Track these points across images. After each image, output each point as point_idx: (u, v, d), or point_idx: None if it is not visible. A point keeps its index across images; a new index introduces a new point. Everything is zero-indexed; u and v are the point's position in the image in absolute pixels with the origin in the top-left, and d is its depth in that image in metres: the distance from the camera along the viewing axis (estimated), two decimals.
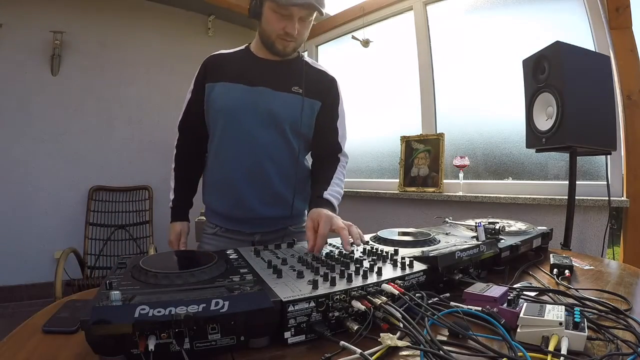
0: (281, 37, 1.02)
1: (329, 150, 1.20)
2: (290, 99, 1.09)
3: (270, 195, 1.11)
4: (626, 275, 0.90)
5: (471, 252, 0.79)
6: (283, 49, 1.05)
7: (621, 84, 1.74)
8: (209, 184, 1.18)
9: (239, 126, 1.07)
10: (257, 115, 1.07)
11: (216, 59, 1.14)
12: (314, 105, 1.13)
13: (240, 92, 1.07)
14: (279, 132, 1.09)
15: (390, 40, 2.77)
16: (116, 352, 0.45)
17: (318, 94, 1.14)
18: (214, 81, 1.09)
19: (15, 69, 2.80)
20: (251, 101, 1.07)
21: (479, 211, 2.02)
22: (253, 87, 1.07)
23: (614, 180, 1.70)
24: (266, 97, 1.07)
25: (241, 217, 1.13)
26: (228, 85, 1.08)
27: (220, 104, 1.08)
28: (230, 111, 1.07)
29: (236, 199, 1.10)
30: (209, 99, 1.10)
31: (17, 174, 2.83)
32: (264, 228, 1.16)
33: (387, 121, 2.77)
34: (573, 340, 0.49)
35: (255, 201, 1.10)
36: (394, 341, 0.48)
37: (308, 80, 1.11)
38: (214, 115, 1.10)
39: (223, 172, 1.11)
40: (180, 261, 0.73)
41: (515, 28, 2.16)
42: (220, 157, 1.12)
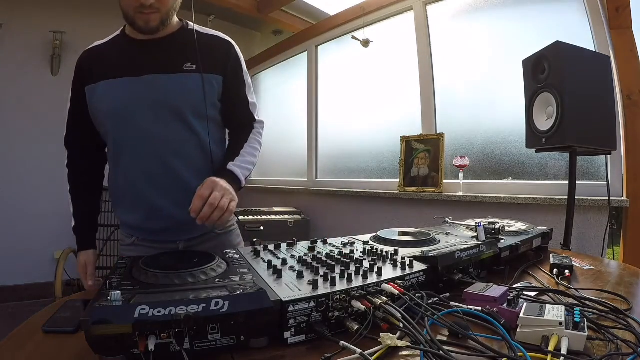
0: (138, 10, 0.87)
1: (242, 121, 1.08)
2: (185, 79, 0.94)
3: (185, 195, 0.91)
4: (626, 275, 0.90)
5: (471, 252, 0.79)
6: (146, 25, 0.89)
7: (621, 84, 1.74)
8: (116, 194, 1.04)
9: (132, 126, 0.93)
10: (150, 108, 0.93)
11: (91, 55, 0.98)
12: (215, 81, 0.98)
13: (125, 87, 0.93)
14: (180, 121, 0.95)
15: (390, 40, 2.77)
16: (116, 352, 0.45)
17: (216, 66, 0.99)
18: (94, 81, 0.94)
19: (15, 69, 2.80)
20: (140, 94, 0.92)
21: (479, 211, 2.02)
22: (139, 77, 0.93)
23: (614, 180, 1.70)
24: (157, 84, 0.93)
25: (159, 228, 1.00)
26: (111, 82, 0.93)
27: (106, 106, 0.93)
28: (119, 111, 0.93)
29: (148, 208, 0.98)
30: (92, 103, 0.95)
31: (17, 174, 2.83)
32: (186, 235, 1.04)
33: (387, 121, 2.77)
34: (573, 340, 0.49)
35: (170, 206, 0.97)
36: (394, 341, 0.48)
37: (202, 53, 0.96)
38: (102, 120, 0.96)
39: (126, 181, 0.98)
40: (180, 261, 0.73)
41: (515, 28, 2.16)
42: (120, 165, 0.98)
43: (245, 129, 1.08)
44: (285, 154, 3.63)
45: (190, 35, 0.98)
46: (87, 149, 1.06)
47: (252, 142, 1.06)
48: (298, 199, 3.27)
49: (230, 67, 1.01)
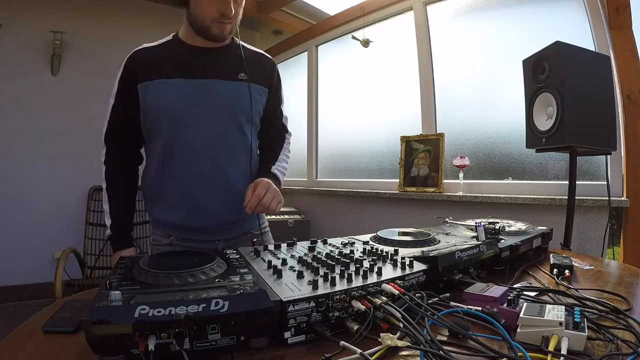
0: (217, 20, 0.93)
1: (276, 133, 1.18)
2: (240, 87, 1.00)
3: (230, 197, 1.00)
4: (626, 275, 0.90)
5: (471, 252, 0.79)
6: (221, 33, 0.95)
7: (621, 84, 1.74)
8: (157, 193, 1.04)
9: (187, 126, 0.96)
10: (207, 111, 0.96)
11: (144, 54, 1.00)
12: (262, 92, 1.06)
13: (182, 87, 0.95)
14: (235, 126, 1.00)
15: (390, 40, 2.77)
16: (116, 352, 0.45)
17: (264, 79, 1.07)
18: (148, 79, 0.95)
19: (15, 69, 2.80)
20: (197, 96, 0.96)
21: (479, 211, 2.02)
22: (197, 79, 0.96)
23: (614, 180, 1.70)
24: (214, 89, 0.97)
25: (200, 227, 1.02)
26: (167, 82, 0.95)
27: (161, 104, 0.95)
28: (175, 110, 0.95)
29: (192, 207, 1.00)
30: (145, 101, 0.96)
31: (17, 174, 2.83)
32: (225, 235, 1.07)
33: (387, 121, 2.77)
34: (573, 340, 0.49)
35: (216, 205, 1.01)
36: (394, 341, 0.48)
37: (252, 66, 1.03)
38: (155, 119, 0.97)
39: (175, 179, 0.99)
40: (180, 261, 0.73)
41: (515, 28, 2.16)
42: (170, 163, 0.99)
43: (279, 139, 1.17)
44: None
45: (240, 49, 1.05)
46: (126, 146, 1.05)
47: (285, 150, 1.17)
48: (298, 199, 3.27)
49: (274, 83, 1.11)
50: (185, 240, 1.06)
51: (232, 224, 1.06)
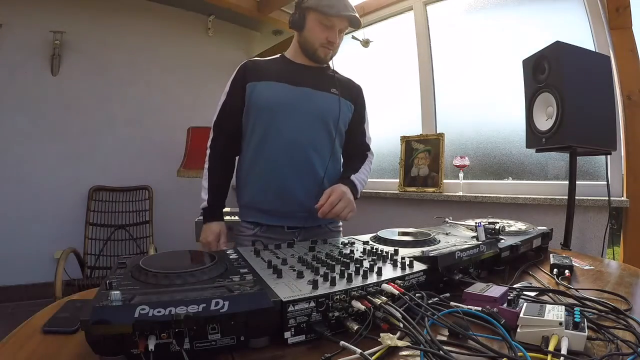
0: (324, 45, 1.15)
1: (358, 149, 1.32)
2: (331, 98, 1.20)
3: (313, 185, 1.16)
4: (626, 275, 0.90)
5: (471, 252, 0.79)
6: (325, 57, 1.18)
7: (621, 84, 1.74)
8: (249, 178, 1.20)
9: (285, 120, 1.13)
10: (302, 110, 1.15)
11: (254, 63, 1.22)
12: (349, 106, 1.25)
13: (285, 90, 1.15)
14: (323, 125, 1.18)
15: (390, 40, 2.77)
16: (116, 352, 0.45)
17: (350, 96, 1.26)
18: (256, 80, 1.16)
19: (15, 69, 2.80)
20: (296, 98, 1.15)
21: (479, 211, 2.02)
22: (296, 86, 1.16)
23: (614, 180, 1.70)
24: (310, 95, 1.17)
25: (284, 210, 1.16)
26: (272, 83, 1.15)
27: (265, 99, 1.14)
28: (276, 106, 1.14)
29: (280, 187, 1.14)
30: (251, 96, 1.15)
31: (17, 174, 2.83)
32: (306, 222, 1.18)
33: (387, 121, 2.77)
34: (573, 340, 0.49)
35: (300, 190, 1.15)
36: (394, 341, 0.48)
37: (341, 85, 1.24)
38: (257, 111, 1.15)
39: (267, 162, 1.15)
40: (180, 261, 0.73)
41: (515, 28, 2.16)
42: (265, 149, 1.15)
43: (361, 156, 1.31)
44: None
45: (333, 72, 1.27)
46: (229, 135, 1.23)
47: (366, 166, 1.29)
48: None
49: (359, 102, 1.30)
50: (269, 230, 1.19)
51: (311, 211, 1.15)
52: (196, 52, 3.50)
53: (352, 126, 1.28)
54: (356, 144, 1.31)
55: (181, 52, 3.39)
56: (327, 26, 1.12)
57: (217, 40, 3.59)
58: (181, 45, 3.41)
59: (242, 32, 3.76)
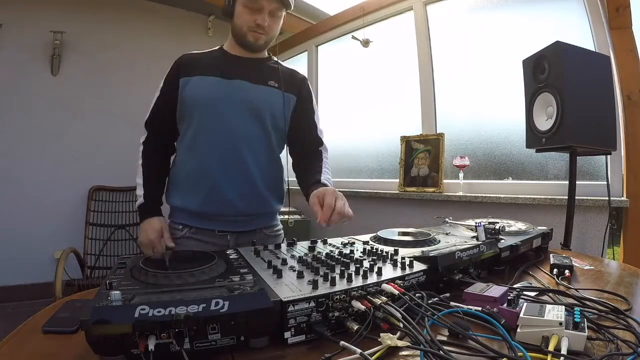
0: (252, 29, 1.06)
1: (311, 144, 1.22)
2: (268, 91, 1.12)
3: (246, 187, 1.09)
4: (626, 275, 0.90)
5: (471, 252, 0.79)
6: (255, 42, 1.09)
7: (621, 84, 1.74)
8: (179, 179, 1.13)
9: (216, 116, 1.07)
10: (235, 105, 1.08)
11: (190, 57, 1.15)
12: (290, 100, 1.17)
13: (217, 84, 1.08)
14: (258, 123, 1.10)
15: (390, 40, 2.77)
16: (116, 352, 0.45)
17: (292, 88, 1.17)
18: (189, 75, 1.09)
19: (15, 69, 2.80)
20: (229, 92, 1.08)
21: (479, 211, 2.02)
22: (230, 79, 1.09)
23: (614, 180, 1.70)
24: (244, 89, 1.09)
25: (214, 213, 1.08)
26: (204, 78, 1.08)
27: (196, 95, 1.08)
28: (208, 102, 1.07)
29: (210, 189, 1.07)
30: (183, 92, 1.09)
31: (17, 174, 2.83)
32: (238, 227, 1.12)
33: (387, 121, 2.77)
34: (573, 340, 0.49)
35: (231, 192, 1.07)
36: (394, 341, 0.48)
37: (282, 76, 1.15)
38: (189, 107, 1.09)
39: (197, 162, 1.08)
40: (180, 261, 0.73)
41: (515, 28, 2.16)
42: (195, 148, 1.09)
43: (316, 154, 1.20)
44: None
45: (275, 63, 1.19)
46: (163, 133, 1.17)
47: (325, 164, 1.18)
48: (298, 199, 3.26)
49: (303, 93, 1.20)
50: (198, 232, 1.11)
51: (245, 216, 1.11)
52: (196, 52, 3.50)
53: (299, 120, 1.19)
54: (307, 139, 1.21)
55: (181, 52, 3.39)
56: (254, 9, 1.04)
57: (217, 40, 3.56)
58: (181, 45, 3.40)
59: None
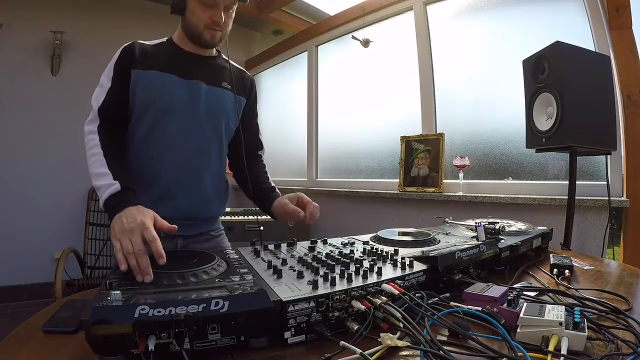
0: (208, 26, 1.01)
1: (253, 147, 1.24)
2: (223, 94, 1.10)
3: (197, 193, 1.07)
4: (626, 275, 0.90)
5: (471, 252, 0.79)
6: (211, 39, 1.03)
7: (621, 84, 1.74)
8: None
9: (173, 118, 1.02)
10: (193, 109, 1.04)
11: (139, 47, 1.05)
12: (241, 102, 1.15)
13: (174, 83, 1.03)
14: (214, 128, 1.08)
15: (390, 40, 2.77)
16: (116, 352, 0.45)
17: (243, 90, 1.16)
18: (143, 68, 1.01)
19: (15, 69, 2.80)
20: (187, 94, 1.04)
21: (479, 211, 2.02)
22: (187, 79, 1.04)
23: (614, 180, 1.69)
24: (202, 91, 1.06)
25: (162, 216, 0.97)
26: (161, 74, 1.02)
27: (152, 92, 1.01)
28: (163, 101, 1.01)
29: (160, 193, 1.02)
30: (136, 86, 1.01)
31: (17, 174, 2.83)
32: (185, 231, 1.08)
33: (387, 121, 2.77)
34: (573, 340, 0.49)
35: (182, 198, 1.04)
36: (394, 341, 0.48)
37: (233, 77, 1.13)
38: (143, 104, 1.02)
39: (149, 164, 1.03)
40: (180, 261, 0.73)
41: (515, 28, 2.16)
42: (148, 150, 1.04)
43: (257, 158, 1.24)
44: (286, 154, 3.63)
45: (225, 61, 1.16)
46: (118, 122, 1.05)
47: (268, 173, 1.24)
48: None
49: (252, 96, 1.21)
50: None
51: (194, 220, 1.09)
52: None
53: (245, 122, 1.17)
54: (249, 141, 1.19)
55: None
56: (208, 5, 0.98)
57: None
58: None
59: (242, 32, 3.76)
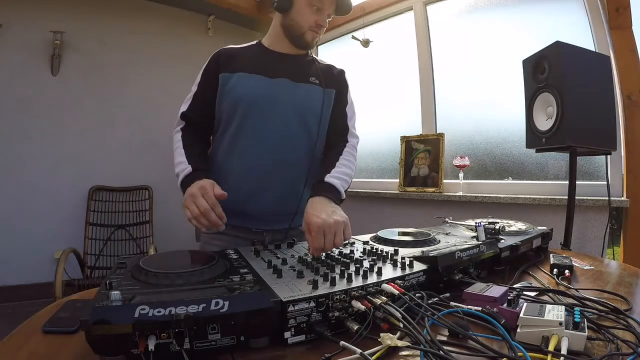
0: (312, 28, 1.06)
1: (337, 134, 1.17)
2: (311, 89, 1.11)
3: (287, 190, 1.08)
4: (626, 275, 0.90)
5: (471, 252, 0.79)
6: (312, 40, 1.09)
7: (621, 84, 1.74)
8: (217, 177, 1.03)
9: (260, 116, 1.05)
10: (279, 106, 1.06)
11: (228, 52, 1.12)
12: (331, 95, 1.15)
13: (260, 83, 1.06)
14: (303, 124, 1.09)
15: (390, 40, 2.77)
16: (116, 352, 0.45)
17: (331, 83, 1.16)
18: (230, 72, 1.07)
19: (15, 69, 2.80)
20: (273, 92, 1.06)
21: (479, 211, 2.02)
22: (273, 78, 1.07)
23: (614, 180, 1.70)
24: (288, 88, 1.08)
25: (253, 212, 1.08)
26: (247, 75, 1.06)
27: (239, 93, 1.05)
28: (252, 100, 1.05)
29: (252, 190, 1.06)
30: (224, 89, 1.07)
31: (17, 174, 2.82)
32: (274, 225, 1.12)
33: (387, 121, 2.77)
34: (573, 340, 0.49)
35: (272, 196, 1.07)
36: (394, 341, 0.48)
37: (322, 72, 1.14)
38: (231, 105, 1.06)
39: (238, 166, 1.07)
40: (180, 261, 0.73)
41: (515, 28, 2.16)
42: (238, 148, 1.07)
43: (340, 142, 1.14)
44: None
45: (313, 59, 1.17)
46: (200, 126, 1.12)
47: (347, 155, 1.10)
48: None
49: (341, 85, 1.19)
50: (235, 229, 1.09)
51: (283, 215, 1.10)
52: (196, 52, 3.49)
53: (334, 112, 1.16)
54: (335, 128, 1.17)
55: (181, 52, 3.39)
56: (317, 8, 1.04)
57: (217, 40, 3.58)
58: (181, 45, 3.41)
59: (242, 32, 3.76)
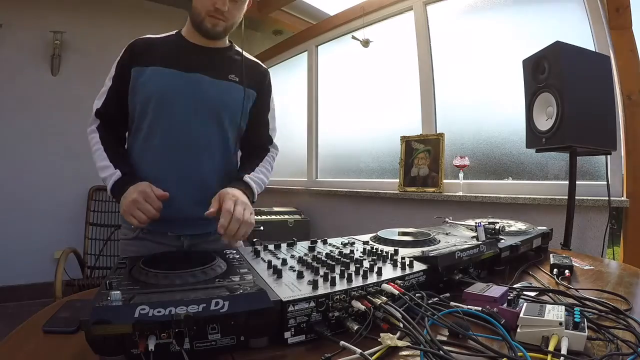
0: (211, 13, 0.97)
1: (259, 142, 1.16)
2: (229, 87, 1.04)
3: (201, 193, 1.00)
4: (626, 275, 0.90)
5: (471, 252, 0.79)
6: (212, 27, 0.99)
7: (621, 84, 1.74)
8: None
9: (172, 115, 0.99)
10: (193, 103, 1.00)
11: (144, 42, 1.03)
12: (251, 95, 1.09)
13: (174, 78, 0.99)
14: (216, 123, 1.03)
15: (390, 40, 2.77)
16: (116, 352, 0.45)
17: (254, 83, 1.10)
18: (144, 65, 0.99)
19: (15, 69, 2.80)
20: (187, 88, 0.99)
21: (479, 211, 2.02)
22: (188, 73, 1.00)
23: (614, 180, 1.69)
24: (203, 84, 1.01)
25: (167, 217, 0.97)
26: (160, 69, 0.99)
27: (151, 89, 0.98)
28: (163, 98, 0.98)
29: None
30: (136, 83, 0.99)
31: (17, 174, 2.83)
32: (191, 230, 1.06)
33: (387, 121, 2.77)
34: (573, 340, 0.49)
35: (186, 200, 1.01)
36: (394, 341, 0.48)
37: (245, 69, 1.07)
38: (142, 102, 0.99)
39: (151, 164, 1.01)
40: (180, 261, 0.73)
41: (515, 28, 2.16)
42: (149, 149, 1.01)
43: (262, 151, 1.14)
44: (285, 154, 3.63)
45: (237, 54, 1.10)
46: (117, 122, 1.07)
47: (266, 163, 1.12)
48: (298, 199, 3.27)
49: (264, 88, 1.13)
50: (151, 234, 1.04)
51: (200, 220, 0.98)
52: None
53: (254, 116, 1.11)
54: (257, 136, 1.14)
55: None
56: None
57: None
58: None
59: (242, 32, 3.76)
